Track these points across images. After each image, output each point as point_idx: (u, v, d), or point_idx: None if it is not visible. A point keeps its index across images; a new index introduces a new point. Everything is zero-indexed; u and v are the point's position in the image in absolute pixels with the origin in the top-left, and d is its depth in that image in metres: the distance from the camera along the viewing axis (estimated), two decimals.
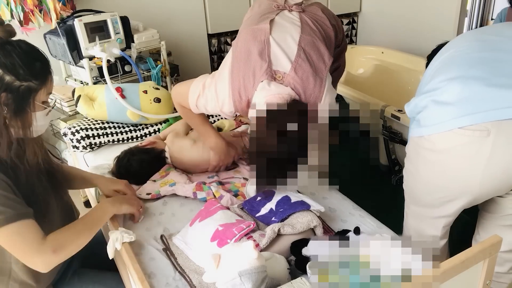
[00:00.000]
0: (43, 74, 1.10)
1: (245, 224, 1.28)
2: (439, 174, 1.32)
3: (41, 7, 2.35)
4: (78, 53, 2.25)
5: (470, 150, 1.22)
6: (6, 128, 1.08)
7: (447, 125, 1.23)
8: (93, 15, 2.25)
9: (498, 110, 1.17)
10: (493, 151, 1.19)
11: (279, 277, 1.13)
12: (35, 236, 1.10)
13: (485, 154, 1.20)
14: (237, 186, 1.69)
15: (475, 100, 1.20)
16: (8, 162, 1.11)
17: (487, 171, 1.22)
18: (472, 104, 1.21)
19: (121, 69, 2.44)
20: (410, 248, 1.00)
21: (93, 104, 2.04)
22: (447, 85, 1.26)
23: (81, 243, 1.19)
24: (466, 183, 1.28)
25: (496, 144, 1.18)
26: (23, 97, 1.07)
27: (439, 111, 1.27)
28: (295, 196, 1.41)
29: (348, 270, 0.95)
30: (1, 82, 1.04)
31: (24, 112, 1.09)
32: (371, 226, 1.42)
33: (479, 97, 1.20)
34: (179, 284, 1.22)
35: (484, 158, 1.21)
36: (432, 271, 0.94)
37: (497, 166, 1.21)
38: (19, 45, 1.08)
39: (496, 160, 1.20)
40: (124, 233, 1.30)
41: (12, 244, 1.08)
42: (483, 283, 1.08)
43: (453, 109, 1.23)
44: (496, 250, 1.05)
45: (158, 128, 2.11)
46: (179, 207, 1.57)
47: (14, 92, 1.05)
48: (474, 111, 1.20)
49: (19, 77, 1.05)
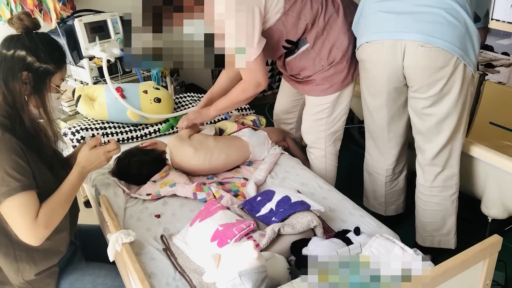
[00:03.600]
0: (60, 60, 1.27)
1: (245, 224, 1.28)
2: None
3: (41, 7, 2.35)
4: (78, 53, 2.25)
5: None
6: (26, 105, 1.24)
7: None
8: (93, 15, 2.25)
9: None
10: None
11: (279, 277, 1.13)
12: (34, 211, 1.17)
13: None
14: (237, 186, 1.69)
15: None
16: (26, 134, 1.23)
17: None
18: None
19: (121, 69, 2.44)
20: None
21: (93, 104, 2.04)
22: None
23: (64, 214, 1.27)
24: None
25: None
26: (41, 77, 1.23)
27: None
28: (295, 196, 1.41)
29: (348, 270, 0.95)
30: (24, 62, 1.20)
31: (41, 91, 1.24)
32: (371, 226, 1.42)
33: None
34: (179, 284, 1.22)
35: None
36: (432, 271, 0.94)
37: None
38: (43, 35, 1.26)
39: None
40: (123, 234, 1.30)
41: (15, 214, 1.16)
42: (483, 283, 1.08)
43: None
44: (496, 250, 1.05)
45: (158, 128, 2.11)
46: (179, 207, 1.57)
47: (34, 72, 1.22)
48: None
49: (40, 59, 1.21)
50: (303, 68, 1.80)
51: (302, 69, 1.81)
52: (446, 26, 1.49)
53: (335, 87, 1.80)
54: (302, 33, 1.71)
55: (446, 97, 1.59)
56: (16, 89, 1.20)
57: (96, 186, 1.64)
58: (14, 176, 1.14)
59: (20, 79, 1.20)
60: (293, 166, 1.82)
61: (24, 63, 1.19)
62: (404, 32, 1.54)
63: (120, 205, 1.56)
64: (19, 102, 1.21)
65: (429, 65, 1.54)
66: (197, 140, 1.80)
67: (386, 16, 1.58)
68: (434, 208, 1.81)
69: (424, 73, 1.56)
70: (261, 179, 1.72)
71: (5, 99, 1.20)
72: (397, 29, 1.56)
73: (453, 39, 1.49)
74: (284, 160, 1.87)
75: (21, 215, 1.15)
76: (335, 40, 1.73)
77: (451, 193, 1.77)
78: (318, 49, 1.73)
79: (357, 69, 1.81)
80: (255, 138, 1.88)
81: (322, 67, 1.76)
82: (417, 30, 1.51)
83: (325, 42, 1.73)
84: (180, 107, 2.24)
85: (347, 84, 1.81)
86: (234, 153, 1.81)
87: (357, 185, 2.15)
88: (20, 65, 1.19)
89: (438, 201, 1.79)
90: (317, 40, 1.72)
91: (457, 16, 1.50)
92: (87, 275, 1.42)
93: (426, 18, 1.51)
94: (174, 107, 2.19)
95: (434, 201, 1.80)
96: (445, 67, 1.52)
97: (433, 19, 1.50)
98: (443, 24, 1.49)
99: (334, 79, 1.78)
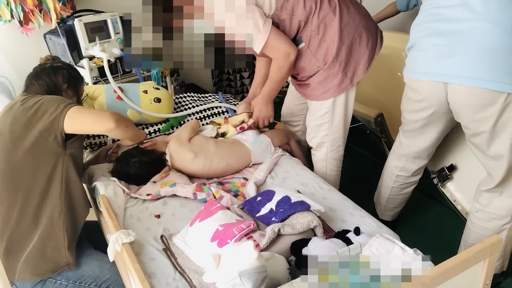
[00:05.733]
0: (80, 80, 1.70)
1: (245, 224, 1.28)
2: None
3: (41, 7, 2.35)
4: (78, 53, 2.25)
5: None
6: (66, 94, 1.61)
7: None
8: (93, 15, 2.25)
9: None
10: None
11: (279, 277, 1.13)
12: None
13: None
14: (237, 186, 1.69)
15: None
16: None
17: None
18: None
19: (121, 69, 2.44)
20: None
21: (93, 104, 2.04)
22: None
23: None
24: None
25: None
26: (74, 75, 1.65)
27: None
28: (295, 196, 1.41)
29: (348, 270, 0.95)
30: (62, 66, 1.63)
31: (75, 85, 1.64)
32: (371, 226, 1.42)
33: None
34: (179, 284, 1.22)
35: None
36: (432, 271, 0.94)
37: None
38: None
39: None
40: (123, 234, 1.30)
41: (84, 113, 1.45)
42: (483, 283, 1.08)
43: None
44: (497, 250, 1.05)
45: (158, 128, 2.11)
46: (179, 207, 1.57)
47: (69, 72, 1.63)
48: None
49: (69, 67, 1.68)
50: (300, 68, 1.78)
51: (300, 69, 1.79)
52: (491, 59, 1.36)
53: (331, 91, 1.76)
54: (296, 31, 1.69)
55: (501, 135, 1.46)
56: (59, 80, 1.57)
57: (96, 186, 1.64)
58: (65, 100, 1.46)
59: (61, 75, 1.58)
60: (293, 166, 1.82)
61: (62, 66, 1.61)
62: (446, 74, 1.45)
63: (120, 205, 1.56)
64: (59, 91, 1.56)
65: (475, 103, 1.43)
66: (197, 144, 1.78)
67: (431, 54, 1.50)
68: (481, 232, 1.69)
69: (470, 109, 1.46)
70: (261, 179, 1.72)
71: (48, 88, 1.55)
72: (441, 71, 1.47)
73: (499, 74, 1.36)
74: (284, 160, 1.87)
75: (87, 111, 1.47)
76: (331, 41, 1.69)
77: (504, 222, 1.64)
78: (314, 50, 1.71)
79: (357, 73, 1.75)
80: (258, 145, 1.85)
81: (318, 68, 1.74)
82: (458, 72, 1.41)
83: (321, 42, 1.70)
84: (180, 107, 2.24)
85: (345, 88, 1.76)
86: (234, 161, 1.79)
87: (358, 186, 2.15)
88: (59, 69, 1.59)
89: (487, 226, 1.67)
90: (312, 39, 1.70)
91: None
92: (95, 260, 1.48)
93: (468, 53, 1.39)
94: (174, 107, 2.19)
95: (483, 225, 1.68)
96: (493, 104, 1.41)
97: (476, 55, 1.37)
98: (487, 57, 1.37)
99: (328, 83, 1.75)
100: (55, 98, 1.47)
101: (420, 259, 1.09)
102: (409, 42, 1.61)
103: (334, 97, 1.78)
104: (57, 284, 1.42)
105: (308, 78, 1.79)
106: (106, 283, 1.46)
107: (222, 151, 1.77)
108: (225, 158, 1.76)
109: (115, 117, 1.48)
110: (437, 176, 2.07)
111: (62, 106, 1.42)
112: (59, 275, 1.42)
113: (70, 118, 1.40)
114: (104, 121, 1.45)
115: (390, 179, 1.98)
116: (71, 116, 1.41)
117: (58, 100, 1.45)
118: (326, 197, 1.60)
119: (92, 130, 1.53)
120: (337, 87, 1.75)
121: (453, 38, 1.42)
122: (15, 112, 1.42)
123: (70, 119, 1.41)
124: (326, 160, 1.94)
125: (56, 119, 1.39)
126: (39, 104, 1.42)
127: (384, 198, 2.05)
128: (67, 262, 1.42)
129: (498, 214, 1.63)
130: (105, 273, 1.46)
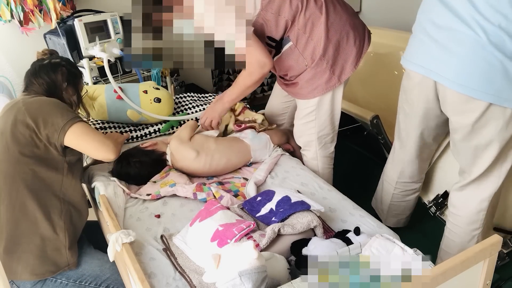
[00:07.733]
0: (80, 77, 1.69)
1: (245, 224, 1.28)
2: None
3: (41, 7, 2.35)
4: (78, 53, 2.25)
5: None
6: (65, 92, 1.61)
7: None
8: (93, 15, 2.25)
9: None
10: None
11: (279, 277, 1.13)
12: (99, 133, 1.54)
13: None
14: (237, 186, 1.69)
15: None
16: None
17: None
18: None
19: (121, 69, 2.44)
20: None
21: (94, 104, 2.04)
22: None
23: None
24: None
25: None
26: (73, 73, 1.64)
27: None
28: (295, 196, 1.41)
29: (348, 270, 0.95)
30: (61, 62, 1.61)
31: (75, 83, 1.64)
32: (371, 226, 1.42)
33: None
34: (179, 284, 1.22)
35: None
36: (432, 271, 0.94)
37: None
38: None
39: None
40: (123, 234, 1.30)
41: (85, 135, 1.46)
42: (483, 283, 1.08)
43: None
44: (496, 250, 1.05)
45: (158, 128, 2.11)
46: (179, 207, 1.57)
47: (68, 70, 1.62)
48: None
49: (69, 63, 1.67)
50: (288, 67, 1.78)
51: (288, 69, 1.78)
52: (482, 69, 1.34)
53: (319, 89, 1.75)
54: (284, 31, 1.68)
55: (483, 130, 1.45)
56: (58, 79, 1.56)
57: (96, 186, 1.64)
58: (72, 112, 1.48)
59: (60, 72, 1.57)
60: (293, 166, 1.82)
61: (61, 63, 1.59)
62: (434, 72, 1.46)
63: (120, 205, 1.56)
64: (59, 89, 1.57)
65: (458, 100, 1.44)
66: (198, 142, 1.79)
67: (425, 45, 1.49)
68: (453, 238, 1.71)
69: (453, 104, 1.47)
70: (261, 179, 1.72)
71: (48, 88, 1.55)
72: (429, 66, 1.47)
73: (485, 85, 1.34)
74: (284, 160, 1.87)
75: (92, 134, 1.47)
76: (318, 39, 1.68)
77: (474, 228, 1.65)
78: (301, 48, 1.70)
79: (345, 71, 1.74)
80: (257, 141, 1.86)
81: (306, 67, 1.73)
82: (446, 72, 1.41)
83: (309, 41, 1.68)
84: (180, 107, 2.24)
85: (333, 86, 1.75)
86: (234, 156, 1.80)
87: (357, 186, 2.15)
88: (58, 66, 1.58)
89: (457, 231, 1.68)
90: (299, 38, 1.69)
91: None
92: (95, 259, 1.49)
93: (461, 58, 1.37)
94: (174, 107, 2.19)
95: (454, 230, 1.69)
96: (476, 105, 1.40)
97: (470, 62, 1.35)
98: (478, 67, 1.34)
99: (316, 81, 1.74)
100: (60, 106, 1.47)
101: (420, 259, 1.09)
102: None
103: (323, 94, 1.77)
104: (57, 283, 1.42)
105: (296, 77, 1.79)
106: (106, 282, 1.46)
107: (222, 147, 1.78)
108: (225, 154, 1.77)
109: (117, 149, 1.54)
110: (433, 204, 2.06)
111: (66, 120, 1.43)
112: (59, 274, 1.42)
113: (72, 133, 1.43)
114: (106, 152, 1.49)
115: (390, 185, 1.96)
116: (74, 132, 1.43)
117: (62, 109, 1.46)
118: (326, 197, 1.60)
119: (91, 154, 1.53)
120: (325, 84, 1.74)
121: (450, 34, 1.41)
122: (17, 113, 1.42)
123: (73, 136, 1.43)
124: (317, 159, 1.93)
125: (57, 132, 1.41)
126: (42, 110, 1.42)
127: (386, 204, 2.02)
128: (67, 262, 1.42)
129: (468, 217, 1.63)
130: (105, 272, 1.47)
